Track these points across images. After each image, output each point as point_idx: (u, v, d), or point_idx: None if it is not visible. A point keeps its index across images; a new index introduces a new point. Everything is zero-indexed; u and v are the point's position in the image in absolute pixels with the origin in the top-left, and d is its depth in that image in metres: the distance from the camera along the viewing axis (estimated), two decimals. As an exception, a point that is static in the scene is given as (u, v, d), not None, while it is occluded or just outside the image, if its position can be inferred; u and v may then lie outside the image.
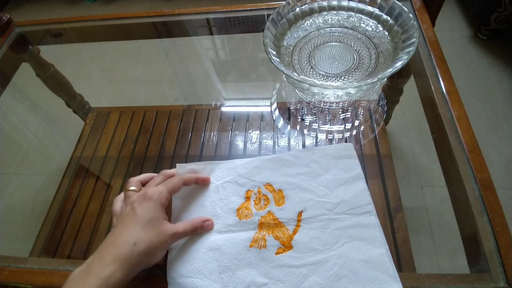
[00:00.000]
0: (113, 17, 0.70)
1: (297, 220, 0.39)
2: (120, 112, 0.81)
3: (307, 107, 0.58)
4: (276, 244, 0.37)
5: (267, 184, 0.42)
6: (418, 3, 0.57)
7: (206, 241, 0.38)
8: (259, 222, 0.39)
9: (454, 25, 1.38)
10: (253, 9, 0.64)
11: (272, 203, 0.40)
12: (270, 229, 0.38)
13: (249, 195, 0.41)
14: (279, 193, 0.41)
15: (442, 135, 0.43)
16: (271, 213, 0.40)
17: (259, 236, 0.38)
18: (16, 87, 0.91)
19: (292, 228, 0.38)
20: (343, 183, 0.41)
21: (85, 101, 0.90)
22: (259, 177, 0.43)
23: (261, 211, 0.40)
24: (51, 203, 0.71)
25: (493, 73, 1.20)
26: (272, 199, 0.41)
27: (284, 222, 0.39)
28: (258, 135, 0.59)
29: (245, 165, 0.44)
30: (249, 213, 0.40)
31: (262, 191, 0.42)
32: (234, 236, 0.38)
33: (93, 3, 1.81)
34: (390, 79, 0.68)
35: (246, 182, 0.42)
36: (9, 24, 0.71)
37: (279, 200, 0.40)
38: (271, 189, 0.42)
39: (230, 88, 0.81)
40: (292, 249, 0.36)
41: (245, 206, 0.41)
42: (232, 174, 0.43)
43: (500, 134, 1.05)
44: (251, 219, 0.39)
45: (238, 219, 0.39)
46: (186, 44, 0.95)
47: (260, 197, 0.41)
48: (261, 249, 0.37)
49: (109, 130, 0.78)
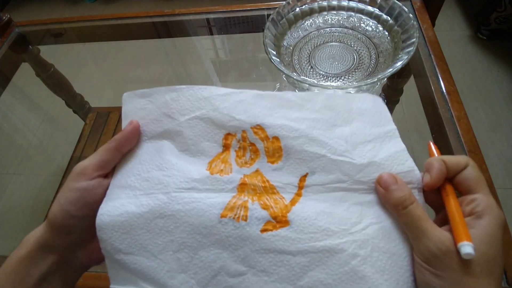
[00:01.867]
0: (113, 17, 0.70)
1: (298, 186, 0.26)
2: (120, 112, 0.81)
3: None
4: (263, 216, 0.24)
5: (257, 126, 0.27)
6: (418, 3, 0.57)
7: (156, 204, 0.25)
8: (240, 182, 0.26)
9: (454, 25, 1.38)
10: (253, 9, 0.64)
11: (262, 158, 0.27)
12: (256, 194, 0.25)
13: (229, 142, 0.27)
14: (274, 143, 0.27)
15: (442, 135, 0.43)
16: (260, 173, 0.26)
17: (238, 202, 0.25)
18: (16, 87, 0.91)
19: (290, 197, 0.25)
20: (372, 139, 0.26)
21: (85, 101, 0.90)
22: (245, 115, 0.27)
23: (245, 168, 0.27)
24: (51, 203, 0.71)
25: (493, 73, 1.20)
26: (263, 151, 0.27)
27: (278, 187, 0.26)
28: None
29: (226, 96, 0.28)
30: (226, 167, 0.27)
31: (248, 138, 0.27)
32: (199, 198, 0.25)
33: (93, 3, 1.81)
34: (390, 79, 0.68)
35: (226, 120, 0.27)
36: (9, 24, 0.71)
37: (274, 154, 0.27)
38: (263, 136, 0.27)
39: (230, 88, 0.81)
40: (288, 226, 0.24)
41: (221, 158, 0.27)
42: (204, 107, 0.28)
43: (500, 134, 1.05)
44: (228, 176, 0.26)
45: (208, 173, 0.26)
46: (186, 44, 0.95)
47: (245, 146, 0.27)
48: (239, 222, 0.24)
49: (109, 130, 0.78)
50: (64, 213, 0.25)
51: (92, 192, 0.26)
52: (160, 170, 0.26)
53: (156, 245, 0.24)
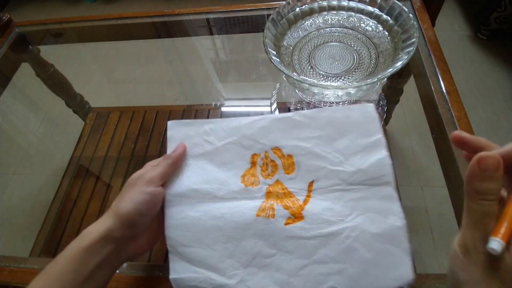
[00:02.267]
0: (113, 17, 0.70)
1: (308, 190, 0.36)
2: (120, 112, 0.81)
3: (307, 107, 0.58)
4: (285, 214, 0.34)
5: (275, 148, 0.38)
6: (418, 3, 0.57)
7: (208, 209, 0.35)
8: (267, 191, 0.36)
9: (454, 25, 1.38)
10: (253, 9, 0.64)
11: (280, 171, 0.37)
12: (279, 198, 0.35)
13: (255, 160, 0.38)
14: (289, 159, 0.37)
15: (442, 135, 0.43)
16: (280, 182, 0.37)
17: (267, 205, 0.35)
18: (16, 87, 0.91)
19: (303, 199, 0.35)
20: (361, 149, 0.36)
21: (85, 101, 0.90)
22: (266, 140, 0.38)
23: (268, 179, 0.37)
24: (51, 203, 0.71)
25: (493, 73, 1.20)
26: (281, 166, 0.37)
27: (294, 192, 0.36)
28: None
29: (251, 124, 0.39)
30: (255, 180, 0.37)
31: (269, 156, 0.38)
32: (239, 204, 0.35)
33: (93, 3, 1.81)
34: (390, 79, 0.68)
35: (252, 144, 0.38)
36: (9, 24, 0.71)
37: (289, 167, 0.37)
38: (280, 154, 0.37)
39: (230, 88, 0.81)
40: (303, 220, 0.34)
41: (251, 173, 0.37)
42: (235, 134, 0.38)
43: (500, 134, 1.05)
44: (257, 187, 0.36)
45: (243, 185, 0.36)
46: (186, 44, 0.95)
47: (267, 163, 0.37)
48: (269, 219, 0.34)
49: (109, 130, 0.78)
50: (137, 210, 0.31)
51: (157, 196, 0.33)
52: (206, 183, 0.36)
53: (210, 239, 0.34)
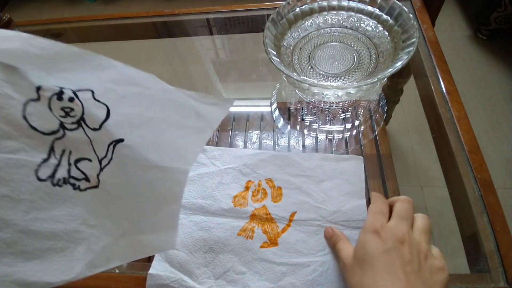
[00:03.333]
0: (113, 17, 0.70)
1: (289, 219, 0.39)
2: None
3: (307, 107, 0.58)
4: (263, 237, 0.38)
5: (268, 179, 0.43)
6: (418, 3, 0.57)
7: (199, 221, 0.40)
8: (252, 213, 0.40)
9: (454, 25, 1.38)
10: (253, 9, 0.64)
11: (269, 198, 0.41)
12: (261, 223, 0.39)
13: (249, 186, 0.43)
14: (278, 190, 0.42)
15: (442, 135, 0.43)
16: (265, 208, 0.41)
17: (249, 226, 0.39)
18: (16, 87, 0.90)
19: (282, 226, 0.39)
20: (344, 194, 0.41)
21: (85, 101, 0.90)
22: (262, 171, 0.44)
23: (256, 204, 0.41)
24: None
25: (493, 73, 1.20)
26: (270, 194, 0.42)
27: (276, 219, 0.40)
28: (258, 135, 0.59)
29: (252, 156, 0.45)
30: (244, 202, 0.41)
31: (262, 184, 0.43)
32: (225, 221, 0.40)
33: (93, 3, 1.81)
34: (390, 79, 0.68)
35: (249, 172, 0.44)
36: (9, 24, 0.71)
37: (276, 197, 0.41)
38: (271, 185, 0.43)
39: (230, 88, 0.81)
40: (277, 246, 0.37)
41: (242, 195, 0.42)
42: (237, 162, 0.45)
43: (500, 134, 1.05)
44: (245, 209, 0.41)
45: (232, 205, 0.41)
46: (186, 44, 0.95)
47: (258, 190, 0.42)
48: (247, 239, 0.38)
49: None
50: None
51: None
52: (203, 198, 0.42)
53: (194, 246, 0.38)
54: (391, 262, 0.27)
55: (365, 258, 0.29)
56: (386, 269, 0.27)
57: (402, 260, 0.27)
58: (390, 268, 0.27)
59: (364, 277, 0.28)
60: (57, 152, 0.23)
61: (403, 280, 0.26)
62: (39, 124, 0.22)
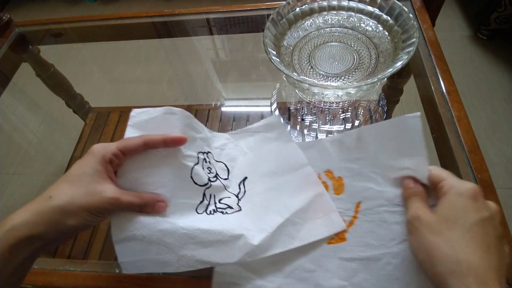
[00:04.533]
0: (113, 17, 0.70)
1: (355, 211, 0.36)
2: (120, 112, 0.81)
3: (307, 107, 0.58)
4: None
5: (327, 170, 0.39)
6: (418, 3, 0.57)
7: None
8: None
9: (454, 25, 1.38)
10: (253, 9, 0.64)
11: (331, 191, 0.38)
12: None
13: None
14: (339, 181, 0.38)
15: (442, 135, 0.43)
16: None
17: None
18: (16, 87, 0.90)
19: (349, 219, 0.36)
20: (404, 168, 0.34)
21: (85, 101, 0.90)
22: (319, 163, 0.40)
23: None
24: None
25: (493, 73, 1.20)
26: (331, 187, 0.38)
27: (341, 213, 0.36)
28: (258, 135, 0.59)
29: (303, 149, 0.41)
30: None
31: (321, 177, 0.39)
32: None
33: (93, 3, 1.81)
34: (390, 79, 0.68)
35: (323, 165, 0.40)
36: (9, 24, 0.71)
37: (338, 189, 0.38)
38: (331, 176, 0.39)
39: (230, 88, 0.81)
40: (345, 241, 0.35)
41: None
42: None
43: (500, 134, 1.05)
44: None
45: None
46: (186, 44, 0.95)
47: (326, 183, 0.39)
48: None
49: (109, 130, 0.78)
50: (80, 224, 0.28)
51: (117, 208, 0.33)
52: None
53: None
54: (487, 232, 0.26)
55: (458, 219, 0.26)
56: (483, 238, 0.25)
57: (496, 234, 0.26)
58: (487, 237, 0.25)
59: (455, 238, 0.25)
60: (207, 196, 0.37)
61: (495, 253, 0.25)
62: (198, 179, 0.36)
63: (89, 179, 0.28)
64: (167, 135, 0.33)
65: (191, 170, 0.36)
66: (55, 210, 0.27)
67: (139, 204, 0.30)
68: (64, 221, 0.27)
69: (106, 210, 0.28)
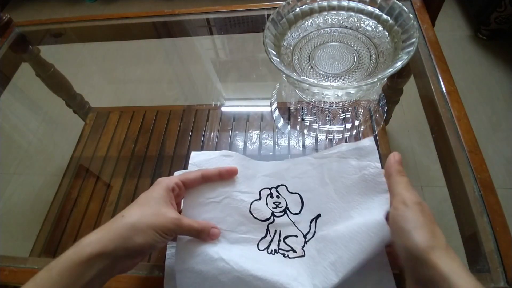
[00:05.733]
0: (113, 17, 0.70)
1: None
2: (120, 112, 0.81)
3: (307, 107, 0.58)
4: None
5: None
6: (418, 3, 0.57)
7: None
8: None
9: (454, 25, 1.38)
10: (253, 9, 0.64)
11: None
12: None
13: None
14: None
15: (442, 135, 0.43)
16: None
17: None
18: (16, 87, 0.91)
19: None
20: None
21: (85, 101, 0.90)
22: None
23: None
24: (51, 203, 0.71)
25: (493, 73, 1.20)
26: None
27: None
28: (258, 135, 0.59)
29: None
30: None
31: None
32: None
33: (93, 3, 1.81)
34: (390, 79, 0.68)
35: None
36: (9, 24, 0.71)
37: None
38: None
39: (230, 88, 0.81)
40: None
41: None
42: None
43: (500, 134, 1.05)
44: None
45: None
46: (186, 44, 0.95)
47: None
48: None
49: (109, 130, 0.78)
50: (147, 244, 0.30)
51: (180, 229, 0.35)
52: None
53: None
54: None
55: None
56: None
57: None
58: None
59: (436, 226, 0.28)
60: (271, 232, 0.37)
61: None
62: (258, 214, 0.37)
63: (155, 202, 0.32)
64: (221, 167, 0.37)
65: (249, 205, 0.37)
66: (126, 227, 0.30)
67: (196, 229, 0.33)
68: (133, 238, 0.29)
69: (169, 230, 0.31)
